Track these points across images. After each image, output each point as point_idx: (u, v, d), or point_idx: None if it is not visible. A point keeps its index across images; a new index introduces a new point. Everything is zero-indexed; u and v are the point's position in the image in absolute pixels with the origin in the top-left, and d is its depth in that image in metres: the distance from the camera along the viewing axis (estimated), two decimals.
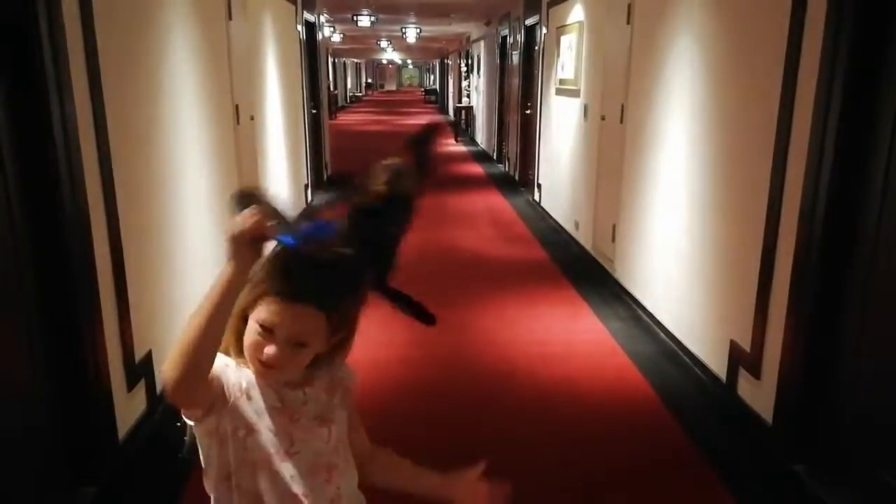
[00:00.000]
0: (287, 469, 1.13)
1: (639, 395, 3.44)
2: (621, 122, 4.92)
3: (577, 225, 6.32)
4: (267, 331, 1.05)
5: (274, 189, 6.17)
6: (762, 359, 2.99)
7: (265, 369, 1.09)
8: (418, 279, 5.37)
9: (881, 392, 2.37)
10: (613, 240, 5.10)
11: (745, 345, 3.12)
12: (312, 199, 8.49)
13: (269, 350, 1.06)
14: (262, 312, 1.05)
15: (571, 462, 2.82)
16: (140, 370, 2.86)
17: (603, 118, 5.40)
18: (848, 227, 2.50)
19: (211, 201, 3.94)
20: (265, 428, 1.11)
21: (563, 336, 4.17)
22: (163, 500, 2.40)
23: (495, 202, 8.76)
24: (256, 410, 1.11)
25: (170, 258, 3.30)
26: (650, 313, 4.33)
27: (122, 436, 2.68)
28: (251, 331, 1.07)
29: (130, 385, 2.77)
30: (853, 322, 2.50)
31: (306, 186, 8.22)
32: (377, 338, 4.05)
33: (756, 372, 3.03)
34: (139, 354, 2.86)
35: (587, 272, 5.49)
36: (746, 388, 3.14)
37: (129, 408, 2.77)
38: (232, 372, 1.11)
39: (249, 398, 1.11)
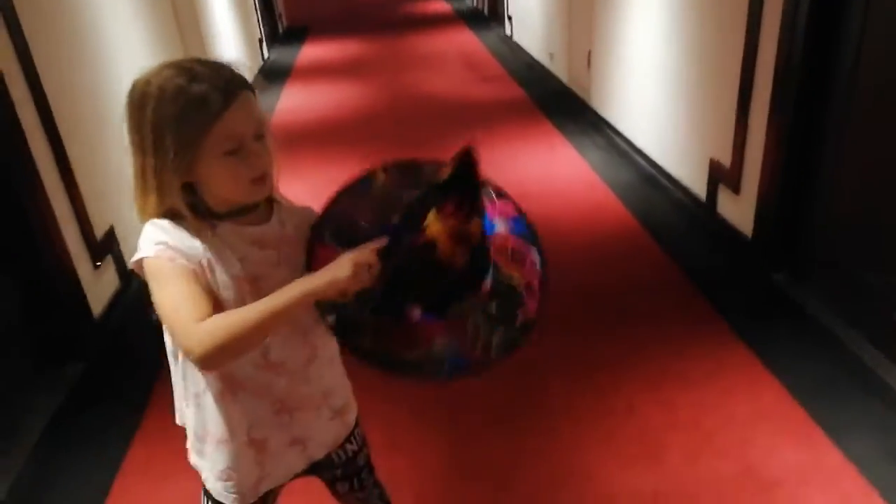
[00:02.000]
0: None
1: (620, 222, 3.40)
2: None
3: (551, 57, 6.00)
4: (235, 151, 0.99)
5: (224, 46, 5.74)
6: (742, 174, 2.91)
7: (261, 184, 1.04)
8: (389, 129, 5.18)
9: (861, 198, 2.32)
10: (589, 67, 4.84)
11: (725, 161, 3.03)
12: (268, 55, 7.99)
13: (255, 157, 1.00)
14: (220, 141, 0.97)
15: (556, 293, 2.82)
16: (104, 247, 2.76)
17: None
18: (830, 36, 2.32)
19: (148, 59, 3.63)
20: (232, 295, 1.04)
21: (541, 172, 4.07)
22: (149, 370, 2.41)
23: (465, 40, 8.28)
24: (222, 282, 1.04)
25: (112, 126, 3.09)
26: (628, 139, 4.21)
27: (98, 312, 2.64)
28: (222, 171, 0.99)
29: (96, 262, 2.69)
30: (834, 132, 2.39)
31: (260, 41, 7.69)
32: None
33: (736, 187, 2.96)
34: (100, 232, 2.75)
35: (564, 105, 5.28)
36: (726, 204, 3.10)
37: (99, 285, 2.71)
38: (189, 258, 1.01)
39: (213, 271, 1.03)
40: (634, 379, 2.27)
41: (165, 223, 1.01)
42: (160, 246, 0.99)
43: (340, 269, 0.97)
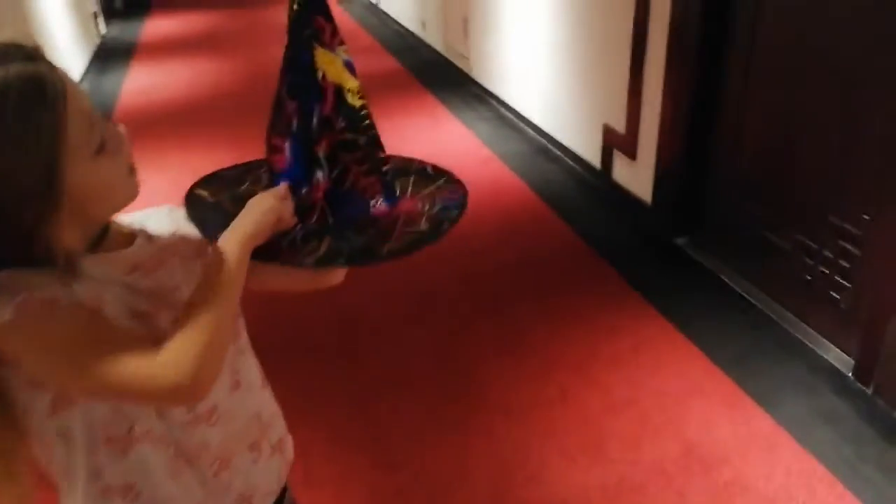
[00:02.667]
0: None
1: (518, 196, 3.29)
2: None
3: (423, 25, 5.76)
4: (103, 143, 0.74)
5: (47, 25, 4.98)
6: (637, 139, 2.88)
7: (136, 173, 0.81)
8: (253, 107, 4.72)
9: (763, 156, 2.33)
10: (466, 35, 4.67)
11: (619, 127, 2.98)
12: (106, 32, 7.12)
13: (119, 139, 0.78)
14: (81, 137, 0.71)
15: (467, 277, 2.66)
16: None
17: None
18: None
19: None
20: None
21: (430, 148, 3.86)
22: None
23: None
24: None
25: None
26: (514, 110, 4.10)
27: None
28: (96, 177, 0.74)
29: None
30: (734, 89, 2.38)
31: (95, 15, 6.81)
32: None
33: (632, 153, 2.93)
34: None
35: (442, 75, 5.09)
36: (622, 171, 3.06)
37: None
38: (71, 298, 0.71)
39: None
40: (562, 362, 2.16)
41: (11, 274, 0.69)
42: (20, 298, 0.66)
43: (262, 201, 0.83)
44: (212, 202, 0.96)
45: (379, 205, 0.97)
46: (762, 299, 2.35)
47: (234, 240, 0.78)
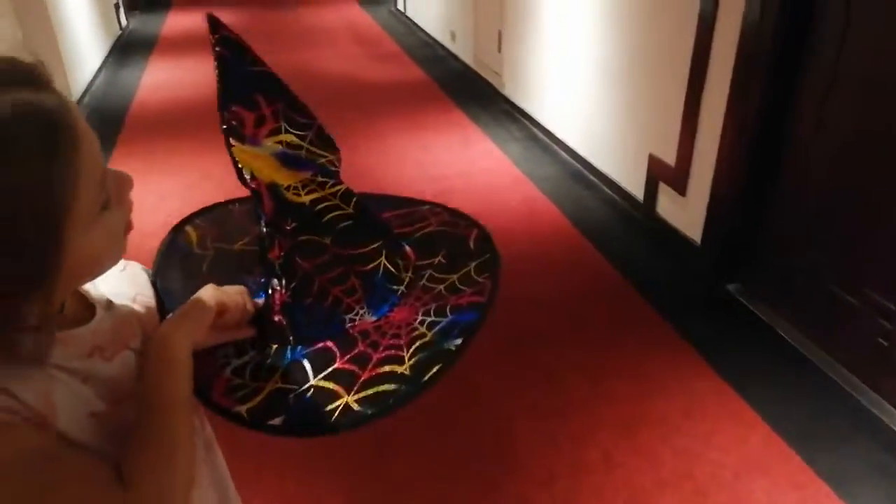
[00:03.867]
0: None
1: (551, 223, 3.08)
2: None
3: (453, 36, 5.58)
4: (108, 201, 0.59)
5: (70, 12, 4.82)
6: (689, 173, 2.66)
7: (126, 239, 0.65)
8: None
9: (834, 204, 2.11)
10: (500, 50, 4.48)
11: (668, 159, 2.77)
12: (127, 24, 6.97)
13: (126, 191, 0.62)
14: (91, 191, 0.55)
15: (494, 308, 2.44)
16: None
17: None
18: (806, 15, 2.07)
19: None
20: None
21: (459, 166, 3.66)
22: None
23: (354, 15, 7.67)
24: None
25: None
26: (549, 132, 3.89)
27: None
28: (98, 237, 0.58)
29: None
30: (804, 127, 2.16)
31: (117, 7, 6.67)
32: (232, 187, 3.33)
33: (681, 188, 2.71)
34: None
35: (472, 90, 4.90)
36: (669, 206, 2.85)
37: None
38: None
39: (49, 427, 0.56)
40: (605, 422, 1.94)
41: None
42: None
43: (200, 305, 0.68)
44: (193, 252, 0.81)
45: (360, 319, 0.75)
46: (827, 362, 2.12)
47: (184, 335, 0.65)
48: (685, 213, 2.73)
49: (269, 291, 0.74)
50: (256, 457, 1.78)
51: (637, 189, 3.05)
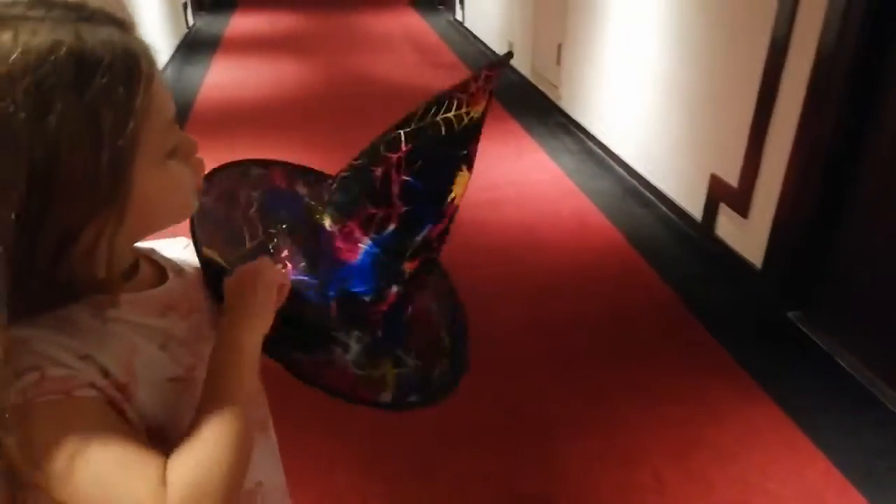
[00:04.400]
0: None
1: (605, 238, 3.04)
2: None
3: (510, 47, 5.58)
4: (176, 148, 0.60)
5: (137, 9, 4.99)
6: (752, 194, 2.59)
7: (196, 199, 0.66)
8: (334, 117, 4.62)
9: None
10: (559, 62, 4.46)
11: (731, 179, 2.70)
12: (194, 23, 7.18)
13: (194, 149, 0.63)
14: (157, 134, 0.56)
15: (542, 320, 2.42)
16: None
17: None
18: (884, 38, 2.00)
19: None
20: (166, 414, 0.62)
21: (512, 177, 3.65)
22: None
23: (412, 23, 7.75)
24: (148, 404, 0.60)
25: None
26: (605, 146, 3.85)
27: None
28: (160, 186, 0.58)
29: None
30: (882, 149, 2.08)
31: (185, 6, 6.89)
32: None
33: (743, 209, 2.64)
34: None
35: (527, 101, 4.88)
36: (729, 227, 2.78)
37: None
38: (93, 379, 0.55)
39: (129, 394, 0.57)
40: (657, 443, 1.89)
41: (21, 332, 0.53)
42: (30, 377, 0.52)
43: (266, 284, 0.67)
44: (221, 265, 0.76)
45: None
46: (892, 398, 2.03)
47: (246, 338, 0.63)
48: (746, 236, 2.66)
49: (385, 295, 0.76)
50: (304, 448, 1.79)
51: (695, 208, 2.98)
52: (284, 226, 0.78)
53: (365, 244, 0.74)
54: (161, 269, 0.69)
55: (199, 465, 0.54)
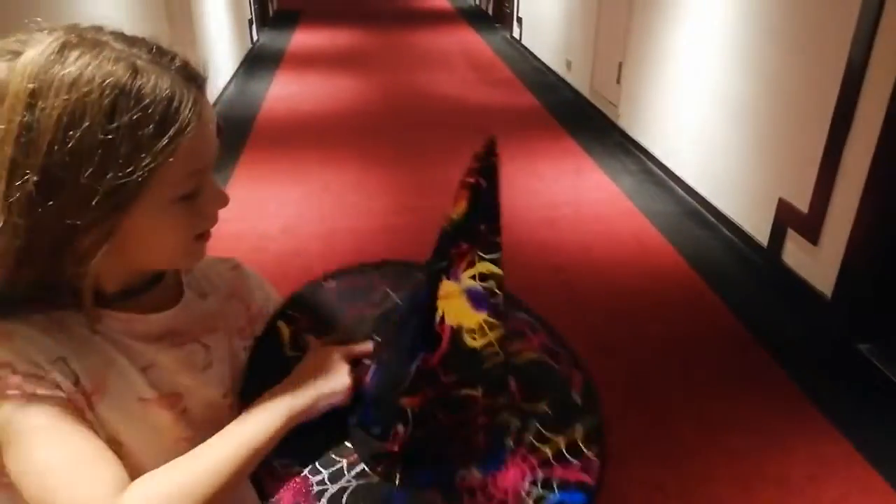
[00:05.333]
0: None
1: (665, 261, 2.99)
2: None
3: (568, 65, 5.58)
4: (193, 194, 0.62)
5: (212, 26, 5.18)
6: (823, 221, 2.52)
7: (203, 243, 0.67)
8: (393, 132, 4.70)
9: None
10: (619, 81, 4.43)
11: (801, 204, 2.63)
12: (258, 38, 7.42)
13: (213, 199, 0.64)
14: (177, 177, 0.59)
15: (603, 345, 2.39)
16: None
17: None
18: None
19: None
20: (137, 435, 0.64)
21: (569, 196, 3.63)
22: None
23: (469, 40, 7.83)
24: (112, 417, 0.62)
25: None
26: (665, 167, 3.80)
27: None
28: (159, 225, 0.61)
29: None
30: None
31: (250, 22, 7.13)
32: (359, 204, 3.45)
33: (813, 237, 2.57)
34: None
35: (585, 120, 4.86)
36: (797, 254, 2.70)
37: None
38: (58, 379, 0.59)
39: (91, 402, 0.61)
40: (719, 474, 1.84)
41: (7, 326, 0.59)
42: (3, 371, 0.57)
43: (337, 376, 0.68)
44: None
45: (470, 476, 0.69)
46: None
47: (286, 406, 0.64)
48: (816, 264, 2.57)
49: (391, 433, 0.67)
50: None
51: (761, 234, 2.91)
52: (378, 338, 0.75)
53: (370, 370, 0.71)
54: (180, 292, 0.71)
55: (168, 489, 0.56)
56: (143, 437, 0.64)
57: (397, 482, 0.68)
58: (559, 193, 3.65)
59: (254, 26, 7.26)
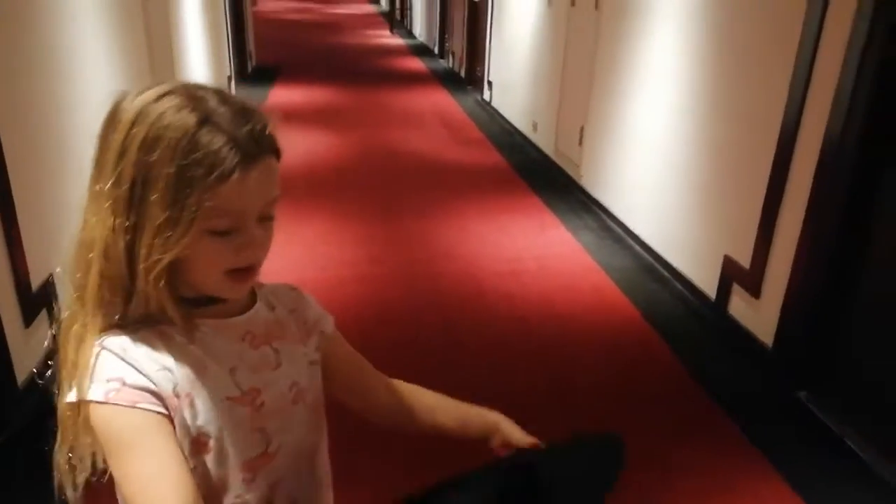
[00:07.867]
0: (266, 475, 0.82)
1: (621, 313, 3.16)
2: (596, 7, 4.39)
3: (535, 126, 5.87)
4: (227, 232, 0.73)
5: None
6: (764, 276, 2.72)
7: (242, 281, 0.77)
8: (366, 186, 4.87)
9: None
10: (580, 143, 4.70)
11: (743, 261, 2.84)
12: (235, 93, 7.62)
13: (249, 244, 0.74)
14: (213, 213, 0.70)
15: (558, 391, 2.52)
16: (39, 299, 2.31)
17: (573, 3, 4.84)
18: (888, 130, 2.17)
19: (111, 82, 3.23)
20: (219, 428, 0.77)
21: (532, 250, 3.81)
22: None
23: (442, 101, 8.15)
24: (205, 415, 0.76)
25: (68, 155, 2.66)
26: (623, 224, 4.02)
27: (23, 380, 2.17)
28: (198, 250, 0.72)
29: (28, 319, 2.23)
30: (886, 245, 2.22)
31: (230, 78, 7.35)
32: (329, 255, 3.58)
33: (755, 291, 2.77)
34: (37, 281, 2.29)
35: (550, 179, 5.11)
36: (741, 307, 2.89)
37: (29, 346, 2.24)
38: (159, 393, 0.73)
39: (192, 402, 0.75)
40: None
41: (122, 340, 0.72)
42: (113, 384, 0.70)
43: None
44: None
45: None
46: None
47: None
48: (758, 316, 2.77)
49: None
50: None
51: (709, 287, 3.11)
52: None
53: None
54: (254, 297, 0.85)
55: None
56: (228, 429, 0.76)
57: None
58: (524, 248, 3.83)
59: (232, 82, 7.47)
